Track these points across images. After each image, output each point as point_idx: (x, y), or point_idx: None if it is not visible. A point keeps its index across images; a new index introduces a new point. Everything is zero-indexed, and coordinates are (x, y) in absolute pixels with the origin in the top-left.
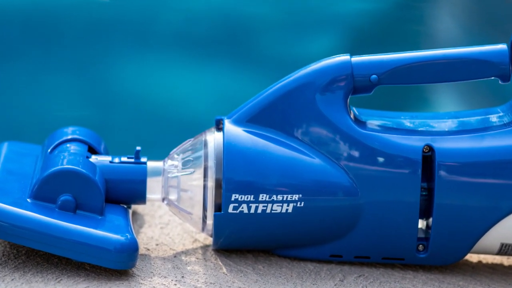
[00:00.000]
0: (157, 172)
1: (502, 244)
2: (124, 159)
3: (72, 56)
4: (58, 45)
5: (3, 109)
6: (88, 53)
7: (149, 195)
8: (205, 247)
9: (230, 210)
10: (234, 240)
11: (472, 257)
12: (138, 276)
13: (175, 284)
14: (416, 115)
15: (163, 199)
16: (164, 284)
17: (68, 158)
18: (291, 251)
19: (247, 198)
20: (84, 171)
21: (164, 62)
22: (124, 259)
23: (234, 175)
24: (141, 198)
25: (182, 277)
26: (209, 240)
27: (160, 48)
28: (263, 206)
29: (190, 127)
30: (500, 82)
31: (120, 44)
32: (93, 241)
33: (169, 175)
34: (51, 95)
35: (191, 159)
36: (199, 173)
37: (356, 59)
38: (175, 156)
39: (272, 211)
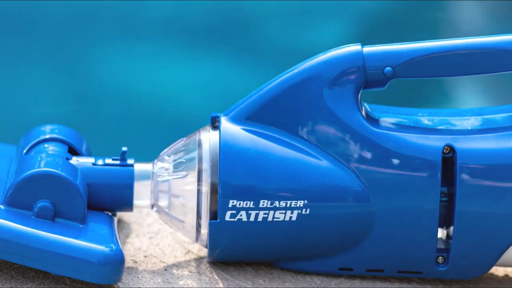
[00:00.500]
0: (146, 176)
1: None
2: (108, 161)
3: (50, 46)
4: (35, 34)
5: None
6: (68, 43)
7: (136, 201)
8: (199, 259)
9: (227, 218)
10: (232, 251)
11: (497, 271)
12: None
13: None
14: (435, 112)
15: (152, 206)
16: None
17: (46, 160)
18: (296, 264)
19: (246, 205)
20: (63, 174)
21: (153, 52)
22: (109, 272)
23: (232, 179)
24: (127, 204)
25: None
26: (204, 252)
27: (149, 37)
28: (264, 214)
29: (182, 125)
30: None
31: (104, 32)
32: (74, 253)
33: (159, 179)
34: (27, 89)
35: (184, 161)
36: (193, 176)
37: (368, 49)
38: (166, 157)
39: (274, 219)
